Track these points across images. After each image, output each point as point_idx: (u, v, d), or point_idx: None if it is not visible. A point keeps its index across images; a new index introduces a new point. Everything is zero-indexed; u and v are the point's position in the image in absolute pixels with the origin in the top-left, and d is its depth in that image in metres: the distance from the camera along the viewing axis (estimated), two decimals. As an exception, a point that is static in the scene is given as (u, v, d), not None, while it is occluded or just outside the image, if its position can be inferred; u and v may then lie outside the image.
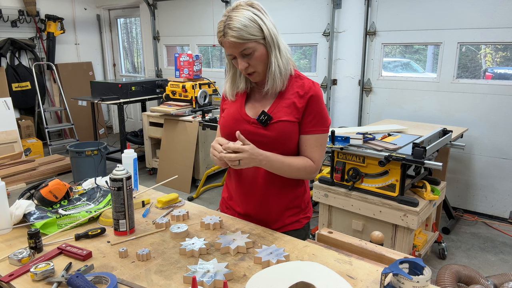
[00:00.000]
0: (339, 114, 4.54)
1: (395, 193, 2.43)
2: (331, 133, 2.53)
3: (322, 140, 1.41)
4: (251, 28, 1.28)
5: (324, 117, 1.40)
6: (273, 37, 1.33)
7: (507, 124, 3.54)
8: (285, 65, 1.37)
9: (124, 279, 1.13)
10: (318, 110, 1.39)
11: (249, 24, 1.28)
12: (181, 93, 4.70)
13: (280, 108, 1.38)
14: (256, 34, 1.30)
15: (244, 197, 1.50)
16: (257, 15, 1.30)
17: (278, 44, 1.35)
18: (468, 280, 2.26)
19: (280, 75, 1.35)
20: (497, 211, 3.74)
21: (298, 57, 5.16)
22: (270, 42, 1.33)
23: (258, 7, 1.33)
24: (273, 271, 1.11)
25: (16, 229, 1.45)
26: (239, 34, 1.27)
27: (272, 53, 1.34)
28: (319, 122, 1.39)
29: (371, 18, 4.07)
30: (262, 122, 1.37)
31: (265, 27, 1.31)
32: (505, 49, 3.64)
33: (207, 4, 5.35)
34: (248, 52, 1.31)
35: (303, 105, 1.37)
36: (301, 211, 1.52)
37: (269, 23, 1.33)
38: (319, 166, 1.42)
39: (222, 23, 1.30)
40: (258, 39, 1.31)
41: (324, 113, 1.40)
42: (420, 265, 1.06)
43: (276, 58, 1.34)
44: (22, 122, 5.81)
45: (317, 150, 1.40)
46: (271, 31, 1.33)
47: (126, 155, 1.72)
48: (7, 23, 5.84)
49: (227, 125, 1.44)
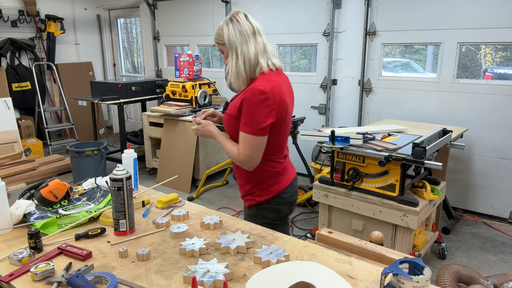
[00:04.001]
0: (339, 114, 4.54)
1: (395, 193, 2.43)
2: (331, 133, 2.53)
3: (245, 139, 1.59)
4: (218, 35, 1.65)
5: (249, 121, 1.57)
6: (231, 43, 1.61)
7: (507, 124, 3.54)
8: (241, 69, 1.60)
9: (124, 279, 1.13)
10: (246, 112, 1.58)
11: (218, 31, 1.65)
12: (181, 93, 4.70)
13: (232, 104, 1.67)
14: (219, 39, 1.65)
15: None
16: (227, 23, 1.63)
17: (236, 50, 1.61)
18: (468, 280, 2.26)
19: (234, 75, 1.62)
20: (497, 211, 3.74)
21: (298, 57, 5.16)
22: (228, 47, 1.63)
23: (234, 17, 1.63)
24: (273, 271, 1.11)
25: (16, 229, 1.45)
26: (214, 37, 1.67)
27: (230, 56, 1.63)
28: (245, 123, 1.59)
29: (371, 18, 4.07)
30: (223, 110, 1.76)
31: (226, 35, 1.62)
32: (505, 49, 3.64)
33: (207, 4, 5.35)
34: (221, 51, 1.68)
35: (239, 104, 1.60)
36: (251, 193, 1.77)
37: (232, 31, 1.61)
38: (240, 158, 1.63)
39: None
40: (222, 43, 1.64)
41: (250, 117, 1.57)
42: (420, 265, 1.06)
43: (231, 61, 1.62)
44: (22, 122, 5.81)
45: (243, 146, 1.61)
46: (231, 39, 1.61)
47: (126, 155, 1.72)
48: (7, 23, 5.84)
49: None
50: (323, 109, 4.58)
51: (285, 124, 1.69)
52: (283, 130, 1.69)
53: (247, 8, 4.97)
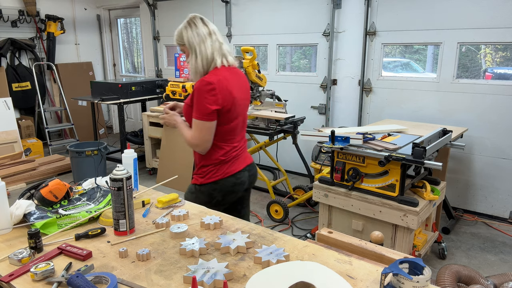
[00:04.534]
0: (339, 114, 4.54)
1: (395, 193, 2.43)
2: (331, 133, 2.53)
3: (195, 124, 1.84)
4: (179, 37, 1.87)
5: (198, 108, 1.81)
6: (191, 44, 1.84)
7: (507, 124, 3.54)
8: (199, 66, 1.84)
9: (124, 279, 1.13)
10: (195, 101, 1.82)
11: (178, 33, 1.88)
12: (181, 93, 4.70)
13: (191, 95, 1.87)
14: (179, 40, 1.88)
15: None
16: (185, 27, 1.85)
17: (195, 50, 1.84)
18: (468, 280, 2.26)
19: (193, 72, 1.87)
20: (497, 211, 3.74)
21: (298, 57, 5.16)
22: (188, 48, 1.86)
23: (192, 21, 1.86)
24: (273, 271, 1.11)
25: (16, 229, 1.45)
26: (175, 38, 1.89)
27: (190, 56, 1.86)
28: (195, 110, 1.82)
29: (371, 18, 4.07)
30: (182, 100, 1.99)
31: (185, 36, 1.85)
32: (505, 49, 3.64)
33: (207, 4, 5.35)
34: (182, 51, 1.91)
35: (192, 95, 1.85)
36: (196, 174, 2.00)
37: (190, 34, 1.84)
38: (193, 143, 1.87)
39: None
40: (182, 44, 1.87)
41: (198, 104, 1.81)
42: (420, 265, 1.06)
43: (192, 60, 1.86)
44: (22, 122, 5.81)
45: (193, 130, 1.86)
46: (190, 40, 1.84)
47: (126, 155, 1.72)
48: (7, 23, 5.84)
49: None
50: (323, 109, 4.58)
51: (234, 115, 1.90)
52: (232, 120, 1.90)
53: (247, 8, 4.97)
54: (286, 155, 4.85)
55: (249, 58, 3.71)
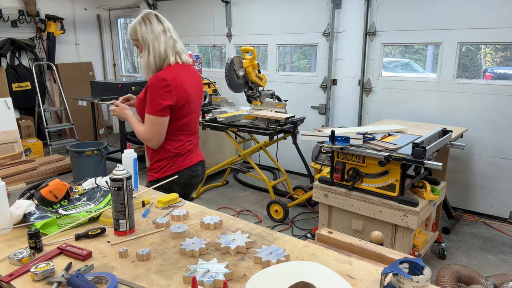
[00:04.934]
0: (339, 114, 4.54)
1: (395, 193, 2.43)
2: (331, 133, 2.53)
3: (148, 119, 1.89)
4: (133, 32, 1.91)
5: (151, 103, 1.87)
6: (145, 40, 1.88)
7: (507, 124, 3.54)
8: (152, 62, 1.89)
9: (124, 279, 1.13)
10: (149, 96, 1.87)
11: (133, 28, 1.90)
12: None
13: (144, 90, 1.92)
14: (133, 35, 1.91)
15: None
16: (140, 22, 1.89)
17: (148, 46, 1.88)
18: (468, 280, 2.26)
19: (146, 67, 1.91)
20: (497, 211, 3.74)
21: (298, 57, 5.16)
22: (142, 44, 1.90)
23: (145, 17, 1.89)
24: (273, 271, 1.11)
25: (16, 229, 1.45)
26: (129, 32, 1.93)
27: (143, 51, 1.90)
28: (148, 105, 1.88)
29: (371, 18, 4.07)
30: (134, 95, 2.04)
31: (139, 32, 1.88)
32: (505, 49, 3.64)
33: (207, 4, 5.35)
34: (136, 46, 1.94)
35: (145, 90, 1.90)
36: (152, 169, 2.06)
37: (144, 30, 1.88)
38: (146, 137, 1.94)
39: None
40: (136, 39, 1.91)
41: (152, 100, 1.86)
42: (420, 265, 1.06)
43: (144, 55, 1.90)
44: (22, 122, 5.81)
45: (146, 125, 1.91)
46: (144, 36, 1.88)
47: (126, 155, 1.72)
48: (7, 23, 5.84)
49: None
50: (323, 109, 4.58)
51: (188, 111, 1.97)
52: (185, 116, 1.97)
53: (247, 8, 4.97)
54: (286, 155, 4.85)
55: (249, 58, 3.71)
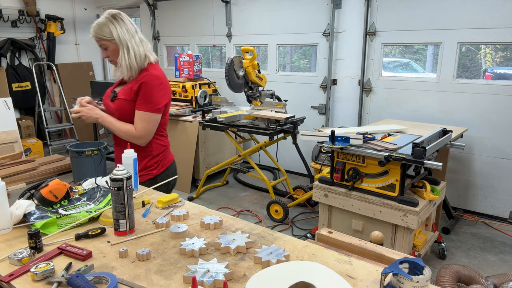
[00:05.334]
0: (339, 114, 4.54)
1: (395, 193, 2.43)
2: (331, 133, 2.53)
3: (144, 116, 1.91)
4: (104, 32, 1.85)
5: (148, 101, 1.89)
6: (122, 40, 1.86)
7: (507, 124, 3.54)
8: (133, 62, 1.88)
9: (124, 279, 1.13)
10: (145, 94, 1.88)
11: (104, 28, 1.85)
12: (181, 93, 4.70)
13: (123, 90, 1.93)
14: (107, 36, 1.85)
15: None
16: (112, 21, 1.85)
17: (127, 46, 1.86)
18: (468, 280, 2.26)
19: (126, 67, 1.87)
20: (497, 211, 3.74)
21: (298, 57, 5.17)
22: (119, 44, 1.86)
23: (117, 17, 1.86)
24: (273, 271, 1.11)
25: (16, 229, 1.45)
26: (95, 33, 1.87)
27: (120, 51, 1.86)
28: (144, 103, 1.89)
29: (371, 18, 4.07)
30: (111, 98, 1.96)
31: (115, 32, 1.85)
32: (505, 49, 3.65)
33: (207, 4, 5.35)
34: (104, 47, 1.89)
35: (136, 88, 1.89)
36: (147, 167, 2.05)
37: (121, 30, 1.86)
38: (140, 135, 1.93)
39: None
40: (110, 40, 1.86)
41: (149, 98, 1.89)
42: (420, 265, 1.06)
43: (123, 56, 1.86)
44: (22, 122, 5.80)
45: (140, 123, 1.91)
46: (121, 36, 1.85)
47: (126, 155, 1.71)
48: (7, 23, 5.84)
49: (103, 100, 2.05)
50: (323, 109, 4.58)
51: (168, 107, 2.05)
52: (168, 112, 2.06)
53: (247, 8, 4.97)
54: (286, 155, 4.85)
55: (249, 58, 3.71)
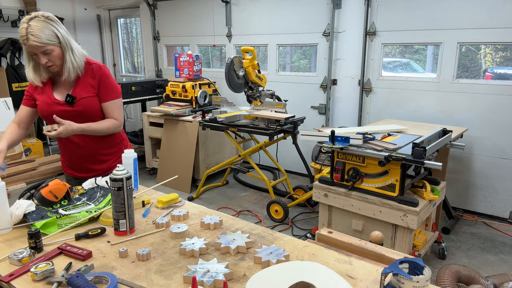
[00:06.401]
0: (339, 114, 4.54)
1: (395, 193, 2.43)
2: (331, 133, 2.53)
3: (117, 103, 1.97)
4: (49, 36, 1.75)
5: (113, 88, 1.95)
6: (66, 41, 1.81)
7: (507, 124, 3.54)
8: (78, 61, 1.85)
9: (124, 279, 1.13)
10: (108, 84, 1.93)
11: (47, 32, 1.74)
12: (181, 93, 4.70)
13: (81, 89, 1.89)
14: (52, 39, 1.76)
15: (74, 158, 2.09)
16: (53, 25, 1.77)
17: (71, 46, 1.83)
18: (468, 280, 2.26)
19: (74, 68, 1.84)
20: (497, 211, 3.74)
21: (298, 57, 5.17)
22: (64, 46, 1.81)
23: (53, 18, 1.80)
24: (273, 271, 1.11)
25: (16, 229, 1.45)
26: (39, 39, 1.72)
27: (66, 53, 1.82)
28: (111, 92, 1.94)
29: (371, 18, 4.07)
30: (69, 102, 1.88)
31: (59, 34, 1.79)
32: (505, 49, 3.65)
33: (207, 4, 5.35)
34: (48, 52, 1.77)
35: (96, 82, 1.90)
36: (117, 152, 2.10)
37: (62, 31, 1.81)
38: (121, 122, 1.99)
39: (24, 29, 1.71)
40: (55, 43, 1.77)
41: (112, 85, 1.95)
42: (420, 265, 1.06)
43: (70, 57, 1.83)
44: (22, 122, 5.80)
45: (117, 110, 1.96)
46: (65, 37, 1.81)
47: (126, 155, 1.72)
48: (7, 23, 5.84)
49: (44, 110, 1.92)
50: (323, 109, 4.58)
51: None
52: None
53: (247, 8, 4.97)
54: (286, 155, 4.85)
55: (249, 58, 3.71)
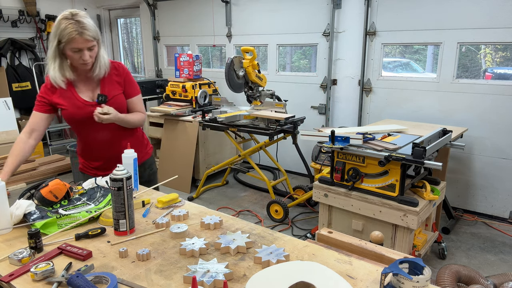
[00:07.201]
0: (339, 114, 4.54)
1: (395, 193, 2.43)
2: (331, 133, 2.53)
3: (140, 98, 2.13)
4: (96, 31, 1.83)
5: (135, 84, 2.10)
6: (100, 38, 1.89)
7: (507, 124, 3.54)
8: (106, 58, 1.94)
9: (124, 279, 1.13)
10: (131, 80, 2.06)
11: (94, 28, 1.83)
12: (181, 93, 4.70)
13: (109, 88, 1.96)
14: (97, 36, 1.85)
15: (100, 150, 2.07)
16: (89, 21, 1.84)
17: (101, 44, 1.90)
18: (468, 280, 2.26)
19: (104, 65, 1.92)
20: (497, 211, 3.74)
21: (298, 57, 5.17)
22: (100, 42, 1.89)
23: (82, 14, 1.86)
24: (273, 271, 1.11)
25: (16, 229, 1.45)
26: (92, 34, 1.79)
27: (100, 50, 1.89)
28: (134, 88, 2.07)
29: (371, 18, 4.07)
30: (102, 102, 1.91)
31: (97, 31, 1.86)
32: (505, 49, 3.65)
33: (207, 4, 5.35)
34: (92, 48, 1.82)
35: (122, 79, 2.01)
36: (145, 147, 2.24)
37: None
38: (145, 117, 2.14)
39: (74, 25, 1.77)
40: (98, 39, 1.86)
41: (134, 82, 2.09)
42: (420, 265, 1.06)
43: (103, 53, 1.91)
44: (22, 122, 5.80)
45: (141, 105, 2.11)
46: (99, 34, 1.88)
47: (126, 155, 1.72)
48: (7, 23, 5.84)
49: (74, 113, 1.92)
50: (323, 109, 4.58)
51: None
52: None
53: (247, 8, 4.97)
54: (286, 155, 4.85)
55: (249, 58, 3.71)
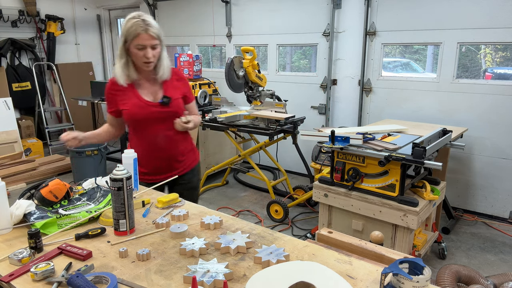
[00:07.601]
0: (339, 114, 4.54)
1: (395, 193, 2.43)
2: (331, 133, 2.53)
3: (195, 103, 2.22)
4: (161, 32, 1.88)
5: (191, 90, 2.16)
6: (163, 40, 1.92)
7: (507, 124, 3.54)
8: (168, 61, 1.98)
9: (124, 279, 1.13)
10: (189, 86, 2.15)
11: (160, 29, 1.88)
12: (181, 93, 4.70)
13: (171, 91, 2.01)
14: (161, 36, 1.89)
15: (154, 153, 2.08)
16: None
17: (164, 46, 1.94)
18: (468, 280, 2.26)
19: (167, 67, 1.96)
20: (497, 211, 3.74)
21: (298, 57, 5.17)
22: (163, 43, 1.93)
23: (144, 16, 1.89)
24: (273, 271, 1.11)
25: (16, 229, 1.45)
26: (158, 31, 1.85)
27: (163, 51, 1.94)
28: (191, 94, 2.16)
29: (371, 18, 4.07)
30: (165, 103, 1.97)
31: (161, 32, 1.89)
32: (505, 49, 3.65)
33: (207, 4, 5.35)
34: (155, 47, 1.87)
35: (182, 85, 2.08)
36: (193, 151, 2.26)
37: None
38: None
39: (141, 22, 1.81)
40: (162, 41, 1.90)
41: (189, 87, 2.15)
42: (420, 265, 1.06)
43: (165, 55, 1.95)
44: (22, 122, 5.81)
45: (196, 110, 2.23)
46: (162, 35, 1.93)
47: (126, 155, 1.72)
48: (7, 23, 5.84)
49: (136, 113, 1.95)
50: (323, 109, 4.58)
51: None
52: None
53: (247, 8, 4.97)
54: (286, 155, 4.85)
55: (249, 58, 3.71)
